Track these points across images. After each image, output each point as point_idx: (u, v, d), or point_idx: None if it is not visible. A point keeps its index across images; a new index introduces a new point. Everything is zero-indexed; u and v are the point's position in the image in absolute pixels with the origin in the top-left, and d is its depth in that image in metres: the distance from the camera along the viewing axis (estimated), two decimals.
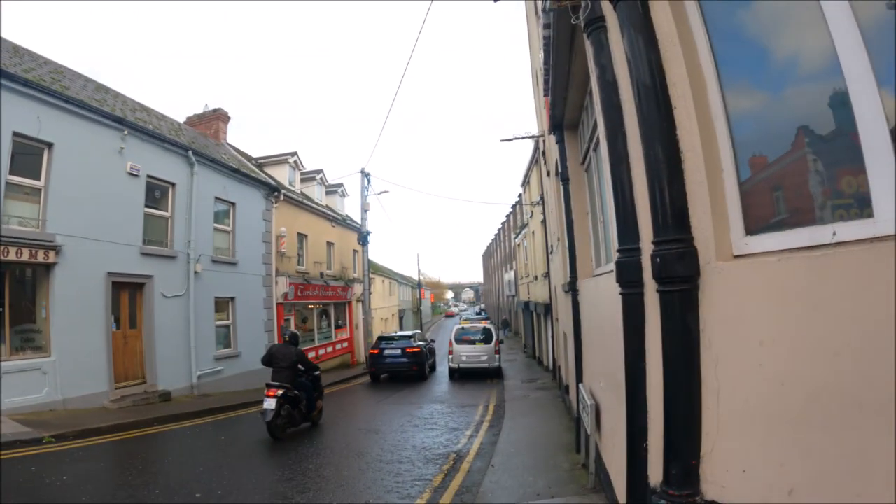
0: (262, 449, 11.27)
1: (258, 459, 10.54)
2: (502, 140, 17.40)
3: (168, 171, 18.16)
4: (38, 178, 13.74)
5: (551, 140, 12.66)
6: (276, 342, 22.67)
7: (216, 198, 20.65)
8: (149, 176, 17.20)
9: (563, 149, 9.15)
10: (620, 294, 3.99)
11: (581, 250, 8.61)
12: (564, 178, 8.97)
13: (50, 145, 13.87)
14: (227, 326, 21.21)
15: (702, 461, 3.11)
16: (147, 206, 17.22)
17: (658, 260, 3.30)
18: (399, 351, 24.36)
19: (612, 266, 4.93)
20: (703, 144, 3.20)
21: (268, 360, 12.63)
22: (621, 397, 4.34)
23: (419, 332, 33.33)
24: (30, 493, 7.56)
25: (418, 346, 24.89)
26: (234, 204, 21.72)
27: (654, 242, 3.39)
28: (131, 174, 16.41)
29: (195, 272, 18.72)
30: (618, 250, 4.01)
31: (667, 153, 3.35)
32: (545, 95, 10.18)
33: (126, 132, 16.18)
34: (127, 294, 16.46)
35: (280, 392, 11.73)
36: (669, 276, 3.24)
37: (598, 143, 6.63)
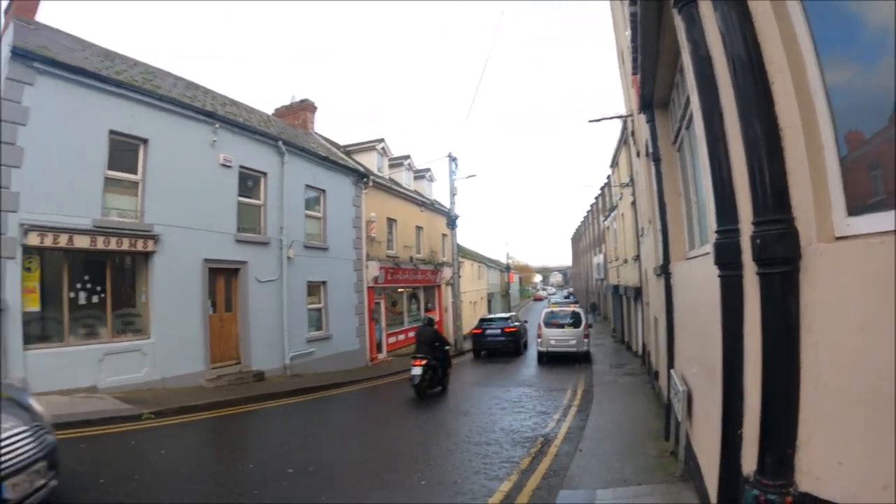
0: (352, 428, 11.63)
1: (348, 437, 10.88)
2: (590, 121, 17.15)
3: (259, 161, 18.71)
4: (136, 173, 14.49)
5: (641, 119, 12.35)
6: (368, 324, 23.76)
7: (306, 185, 21.12)
8: (241, 167, 17.80)
9: (653, 128, 8.90)
10: (719, 276, 3.85)
11: (674, 232, 8.37)
12: (656, 159, 8.74)
13: (145, 141, 14.59)
14: (319, 309, 21.70)
15: (797, 450, 2.99)
16: (240, 195, 17.83)
17: (758, 241, 3.17)
18: (499, 330, 27.32)
19: (708, 248, 4.79)
20: (803, 121, 3.05)
21: (416, 338, 16.22)
22: (716, 383, 4.22)
23: (515, 314, 35.66)
24: (130, 465, 7.97)
25: (515, 326, 27.74)
26: (324, 191, 22.17)
27: (753, 223, 3.26)
28: (224, 165, 17.05)
29: (288, 258, 19.23)
30: (716, 231, 3.87)
31: (765, 130, 3.21)
32: (633, 74, 9.95)
33: (217, 126, 16.80)
34: (222, 279, 17.13)
35: (424, 362, 14.99)
36: (769, 258, 3.12)
37: (690, 121, 6.43)
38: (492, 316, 32.45)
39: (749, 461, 3.43)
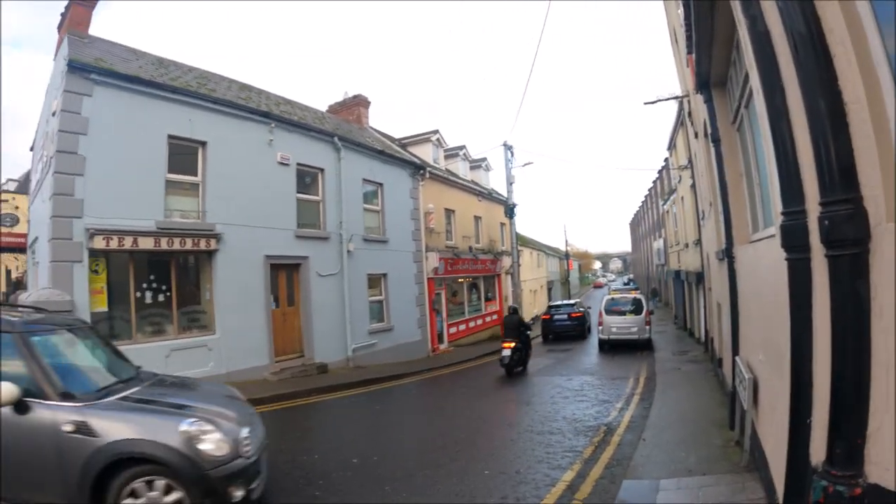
0: (414, 418, 11.76)
1: (411, 427, 11.06)
2: (646, 103, 16.69)
3: (316, 157, 18.97)
4: (196, 175, 14.96)
5: (698, 100, 12.04)
6: (429, 315, 24.00)
7: (364, 179, 21.31)
8: (298, 164, 18.08)
9: (711, 108, 8.65)
10: (786, 260, 3.72)
11: (736, 215, 8.14)
12: (715, 140, 8.50)
13: (203, 144, 15.02)
14: (380, 301, 21.91)
15: (867, 441, 2.89)
16: (298, 192, 18.13)
17: (826, 222, 3.05)
18: (565, 316, 29.81)
19: (773, 230, 4.66)
20: (868, 94, 2.92)
21: (503, 325, 18.52)
22: (783, 370, 4.09)
23: (579, 300, 38.94)
24: None
25: (580, 312, 30.33)
26: (381, 184, 22.34)
27: (820, 203, 3.14)
28: (281, 163, 17.36)
29: (348, 251, 19.45)
30: (782, 213, 3.73)
31: (829, 106, 3.09)
32: (688, 53, 9.70)
33: (273, 125, 17.11)
34: (284, 274, 17.46)
35: (513, 345, 17.31)
36: (838, 240, 3.01)
37: (750, 99, 6.25)
38: (559, 303, 34.58)
39: (817, 451, 3.32)
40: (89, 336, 6.81)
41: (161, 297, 13.88)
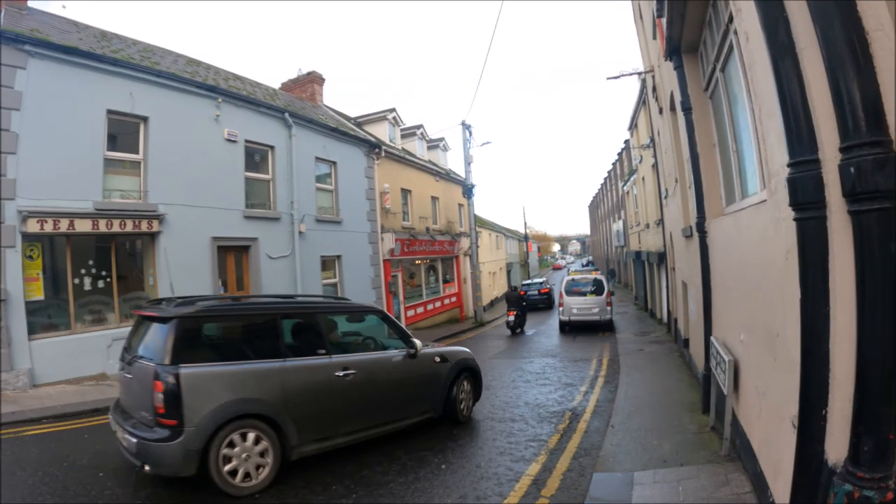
0: None
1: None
2: (608, 78, 16.23)
3: (266, 134, 18.11)
4: (137, 152, 14.06)
5: (664, 72, 11.62)
6: (385, 298, 23.46)
7: (316, 158, 20.46)
8: (247, 141, 17.21)
9: (682, 75, 8.14)
10: (795, 220, 3.11)
11: (709, 188, 7.67)
12: (686, 108, 8.01)
13: (145, 119, 14.12)
14: (334, 285, 21.16)
15: None
16: (247, 170, 17.24)
17: (851, 170, 2.51)
18: (536, 292, 38.67)
19: (763, 195, 4.18)
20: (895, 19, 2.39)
21: (506, 299, 25.78)
22: (781, 352, 3.60)
23: (545, 279, 47.79)
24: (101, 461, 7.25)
25: (547, 288, 39.98)
26: (334, 163, 21.50)
27: (841, 149, 2.59)
28: (229, 140, 16.45)
29: (300, 232, 18.66)
30: (788, 165, 3.13)
31: (847, 35, 2.54)
32: (658, 17, 9.22)
33: (220, 100, 16.20)
34: (233, 257, 16.64)
35: (515, 313, 23.86)
36: (866, 192, 2.46)
37: (727, 59, 5.79)
38: (530, 281, 44.88)
39: (836, 448, 2.80)
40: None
41: (101, 284, 13.09)
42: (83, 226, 12.41)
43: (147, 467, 5.78)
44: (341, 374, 7.17)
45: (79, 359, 12.17)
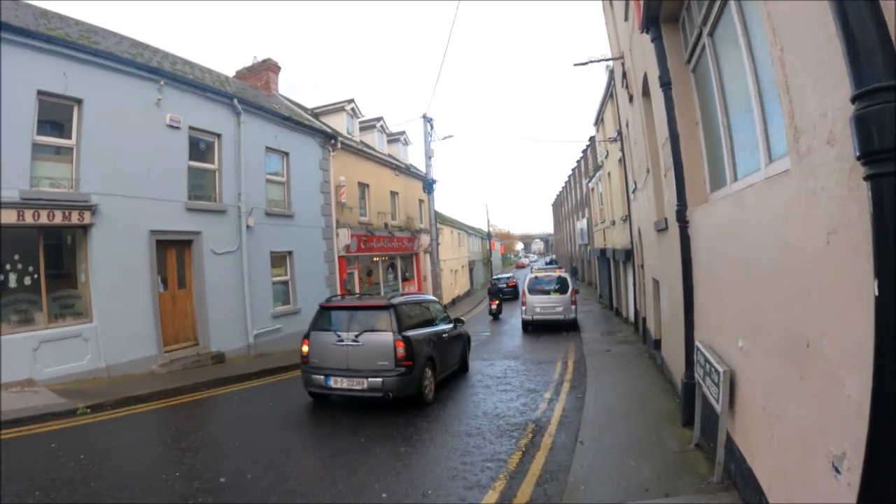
0: (313, 415, 9.99)
1: (306, 427, 9.27)
2: (576, 64, 15.40)
3: (212, 121, 16.87)
4: (69, 137, 12.79)
5: (638, 52, 10.84)
6: (340, 292, 22.10)
7: (267, 148, 19.27)
8: (191, 127, 15.99)
9: (660, 48, 7.24)
10: (867, 178, 2.12)
11: (691, 172, 6.78)
12: (665, 83, 7.10)
13: (79, 102, 12.85)
14: (286, 282, 20.04)
15: None
16: (191, 159, 16.05)
17: None
18: (505, 284, 42.51)
19: (777, 168, 3.48)
20: None
21: (488, 292, 32.91)
22: (818, 367, 2.69)
23: (513, 274, 55.76)
24: (38, 476, 6.38)
25: (514, 282, 44.89)
26: (287, 154, 20.35)
27: None
28: (171, 126, 15.21)
29: (247, 226, 17.48)
30: (854, 97, 2.14)
31: None
32: None
33: (162, 83, 14.93)
34: (174, 252, 15.44)
35: (497, 302, 30.58)
36: None
37: (717, 21, 4.94)
38: (499, 276, 51.20)
39: None
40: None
41: (28, 281, 11.83)
42: (8, 217, 11.13)
43: (391, 394, 9.65)
44: (445, 336, 12.36)
45: (2, 363, 10.88)
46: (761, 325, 4.01)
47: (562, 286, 23.01)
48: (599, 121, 28.44)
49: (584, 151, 43.20)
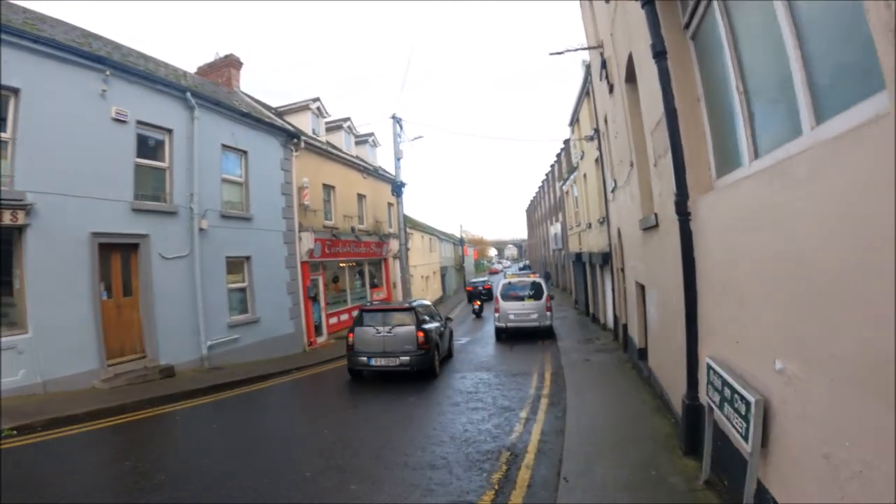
0: (265, 436, 8.85)
1: (253, 455, 7.95)
2: (552, 53, 14.41)
3: (163, 116, 15.63)
4: (4, 130, 11.59)
5: (621, 33, 9.84)
6: (304, 304, 21.50)
7: (223, 146, 18.03)
8: (139, 122, 14.74)
9: (652, 13, 6.19)
10: None
11: (693, 155, 5.72)
12: (659, 52, 6.05)
13: (16, 91, 11.69)
14: (243, 289, 18.73)
15: None
16: (139, 156, 14.79)
17: None
18: (481, 287, 44.02)
19: (799, 144, 3.09)
20: None
21: (469, 294, 44.98)
22: None
23: (488, 278, 59.52)
24: None
25: (489, 285, 45.07)
26: (245, 152, 19.11)
27: None
28: (117, 120, 13.96)
29: (200, 229, 16.23)
30: None
31: None
32: None
33: (108, 73, 13.69)
34: (118, 257, 14.15)
35: (479, 303, 34.72)
36: None
37: None
38: (475, 280, 54.77)
39: None
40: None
41: None
42: None
43: (415, 368, 13.52)
44: (441, 329, 16.09)
45: None
46: (820, 342, 2.95)
47: (536, 292, 21.97)
48: (575, 121, 27.57)
49: (559, 155, 42.60)
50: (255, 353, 17.94)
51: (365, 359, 13.93)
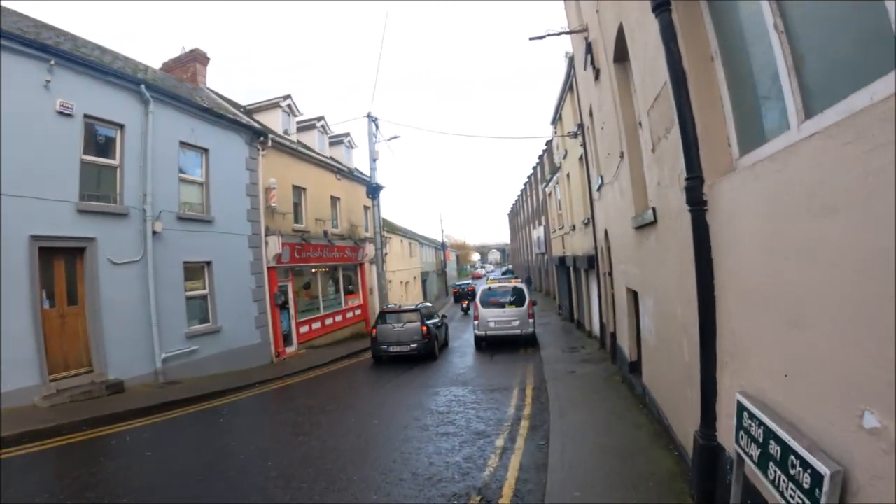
0: (186, 480, 7.50)
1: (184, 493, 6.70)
2: (532, 38, 13.27)
3: (114, 109, 14.31)
4: None
5: (609, 7, 8.70)
6: (271, 312, 20.33)
7: (182, 143, 16.73)
8: (87, 115, 13.46)
9: None
10: None
11: (708, 128, 4.51)
12: (660, 4, 4.86)
13: None
14: (204, 297, 17.38)
15: None
16: (86, 153, 13.51)
17: None
18: (466, 289, 48.67)
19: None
20: None
21: (455, 296, 52.65)
22: None
23: (470, 280, 64.50)
24: None
25: (472, 287, 48.52)
26: (206, 150, 17.78)
27: None
28: (62, 113, 12.73)
29: (154, 232, 14.91)
30: None
31: None
32: None
33: (52, 62, 12.48)
34: (62, 262, 12.91)
35: (466, 303, 39.89)
36: None
37: None
38: (460, 283, 58.85)
39: None
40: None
41: None
42: None
43: (420, 352, 18.35)
44: (439, 324, 21.00)
45: None
46: None
47: (518, 298, 20.81)
48: (557, 118, 26.48)
49: (541, 157, 41.99)
50: (217, 366, 16.65)
51: (385, 347, 18.62)
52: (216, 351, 16.96)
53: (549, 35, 13.09)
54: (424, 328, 18.65)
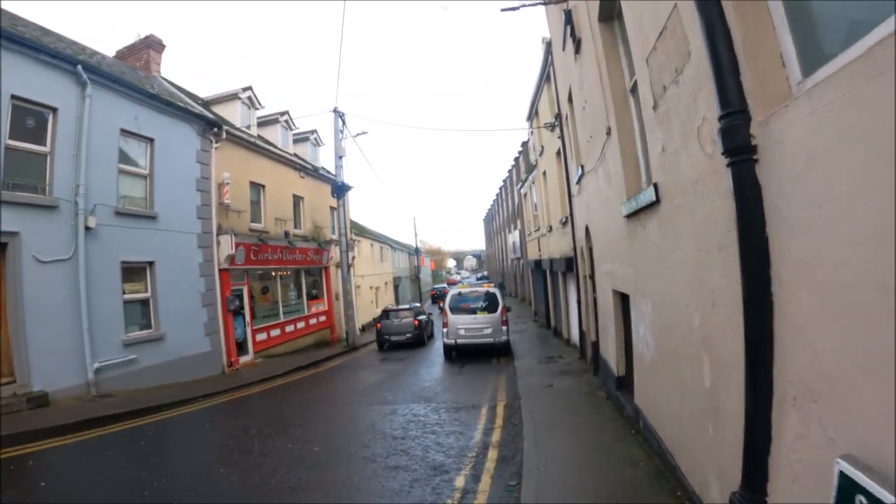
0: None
1: None
2: (503, 10, 11.86)
3: (45, 91, 12.90)
4: None
5: None
6: (223, 318, 18.66)
7: (123, 130, 15.16)
8: (14, 97, 12.05)
9: None
10: None
11: (752, 43, 3.07)
12: None
13: None
14: (145, 300, 15.76)
15: None
16: (13, 137, 12.12)
17: None
18: (441, 291, 53.80)
19: None
20: None
21: (432, 297, 65.10)
22: None
23: (446, 285, 66.31)
24: None
25: (448, 289, 44.46)
26: (151, 140, 16.22)
27: None
28: None
29: (87, 227, 13.38)
30: None
31: None
32: None
33: None
34: None
35: (443, 302, 27.46)
36: None
37: None
38: (436, 286, 67.46)
39: None
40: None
41: None
42: None
43: (413, 340, 24.42)
44: (427, 320, 27.68)
45: None
46: None
47: (490, 304, 19.46)
48: (534, 114, 25.34)
49: (516, 159, 41.40)
50: (160, 377, 15.06)
51: (387, 336, 24.23)
52: (159, 360, 15.35)
53: (524, 6, 11.74)
54: (416, 322, 24.56)
